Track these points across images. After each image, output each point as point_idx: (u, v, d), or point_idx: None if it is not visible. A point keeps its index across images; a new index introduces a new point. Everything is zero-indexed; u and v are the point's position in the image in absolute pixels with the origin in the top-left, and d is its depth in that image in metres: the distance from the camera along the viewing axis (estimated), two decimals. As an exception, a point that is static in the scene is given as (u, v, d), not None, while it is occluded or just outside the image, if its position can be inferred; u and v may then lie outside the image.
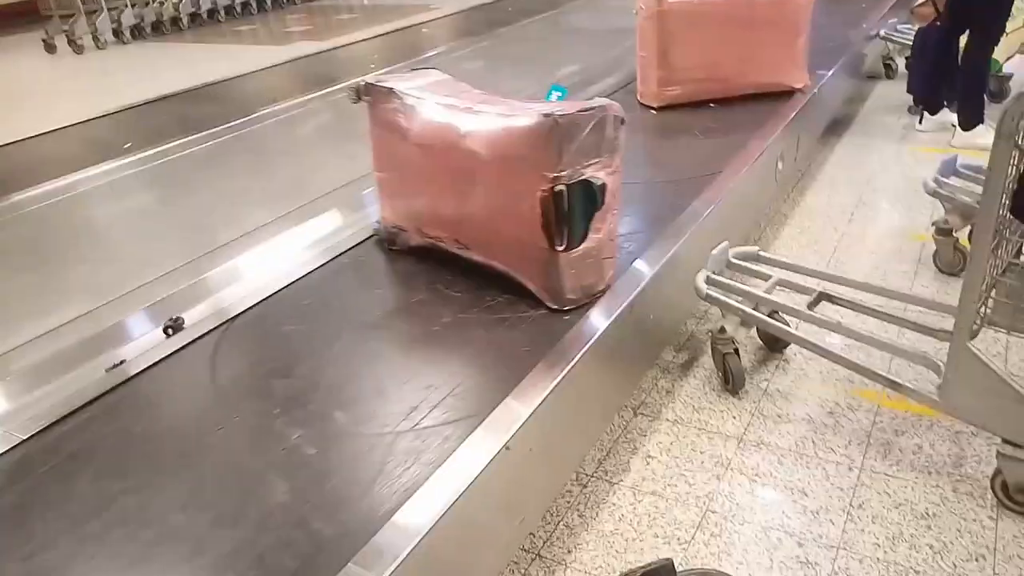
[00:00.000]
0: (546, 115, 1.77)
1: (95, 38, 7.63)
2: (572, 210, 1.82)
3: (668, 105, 3.49)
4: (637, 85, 3.63)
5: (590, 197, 1.84)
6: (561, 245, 1.85)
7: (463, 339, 1.89)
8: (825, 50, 4.12)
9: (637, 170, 2.74)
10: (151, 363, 1.86)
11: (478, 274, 2.09)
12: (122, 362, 1.88)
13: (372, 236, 2.42)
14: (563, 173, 1.79)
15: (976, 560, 1.72)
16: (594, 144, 1.81)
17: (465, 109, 1.97)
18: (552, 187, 1.79)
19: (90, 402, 1.73)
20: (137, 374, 1.83)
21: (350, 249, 2.38)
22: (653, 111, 3.50)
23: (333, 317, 2.04)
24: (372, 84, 2.18)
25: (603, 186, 1.85)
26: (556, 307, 1.94)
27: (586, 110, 1.78)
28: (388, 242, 2.35)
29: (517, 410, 1.61)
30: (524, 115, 1.83)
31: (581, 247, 1.89)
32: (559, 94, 2.14)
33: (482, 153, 1.90)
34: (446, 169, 2.04)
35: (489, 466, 1.48)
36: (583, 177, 1.81)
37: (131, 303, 2.20)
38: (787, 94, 3.53)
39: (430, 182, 2.11)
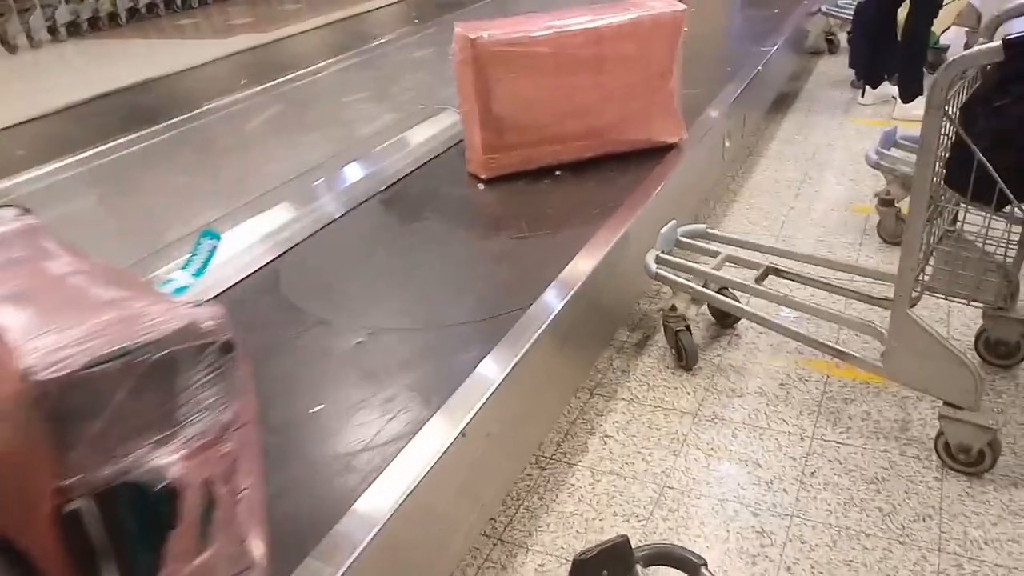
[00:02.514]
0: (26, 371, 0.88)
1: (29, 37, 7.40)
2: (119, 537, 0.96)
3: (499, 176, 2.67)
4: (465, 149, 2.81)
5: (150, 511, 0.97)
6: None
7: None
8: (717, 77, 3.59)
9: (402, 301, 2.06)
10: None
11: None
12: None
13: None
14: (82, 478, 0.92)
15: (923, 520, 1.77)
16: (159, 407, 0.95)
17: None
18: (62, 503, 0.92)
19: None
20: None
21: None
22: (480, 184, 2.69)
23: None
24: None
25: (171, 490, 0.97)
26: None
27: (119, 355, 0.90)
28: None
29: (472, 395, 1.62)
30: (11, 364, 0.91)
31: None
32: (213, 243, 1.53)
33: None
34: None
35: (445, 454, 1.49)
36: (132, 477, 0.94)
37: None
38: (658, 152, 2.77)
39: None
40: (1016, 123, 1.63)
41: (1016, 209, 1.75)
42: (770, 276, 2.32)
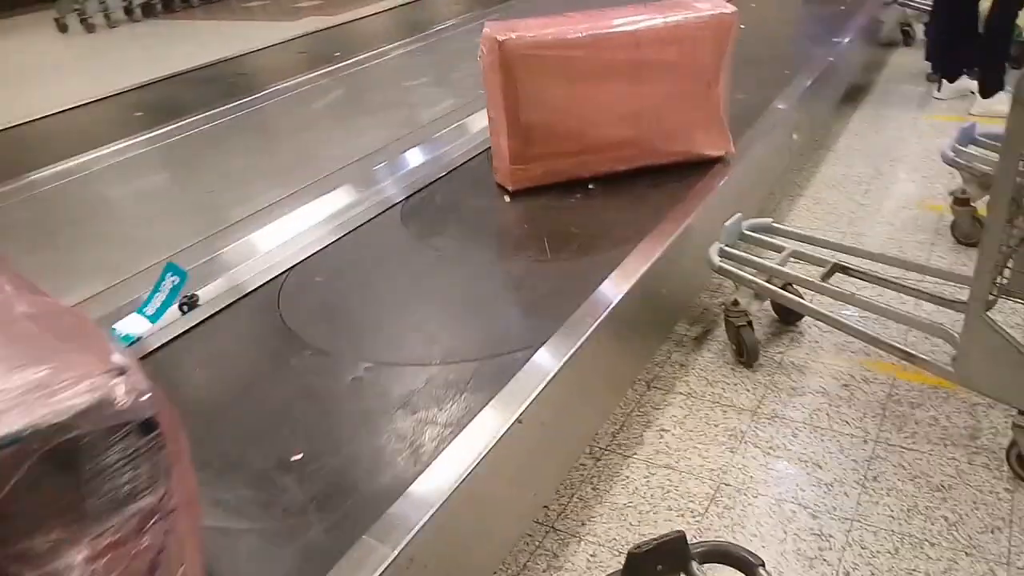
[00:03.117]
0: None
1: (106, 16, 7.62)
2: None
3: (528, 188, 2.49)
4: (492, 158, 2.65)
5: None
6: None
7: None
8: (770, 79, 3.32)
9: (406, 332, 1.88)
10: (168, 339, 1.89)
11: None
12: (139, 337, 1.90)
13: None
14: None
15: (992, 532, 1.71)
16: (61, 500, 0.82)
17: None
18: None
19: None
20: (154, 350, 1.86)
21: None
22: (506, 196, 2.51)
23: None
24: None
25: None
26: None
27: (10, 442, 0.77)
28: None
29: (529, 383, 1.62)
30: None
31: None
32: (176, 279, 1.47)
33: None
34: None
35: (501, 440, 1.49)
36: None
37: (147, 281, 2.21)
38: (702, 166, 2.55)
39: None
40: (1111, 122, 1.55)
41: (1107, 212, 1.67)
42: (837, 273, 2.26)
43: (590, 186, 2.50)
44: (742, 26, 2.51)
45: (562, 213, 2.39)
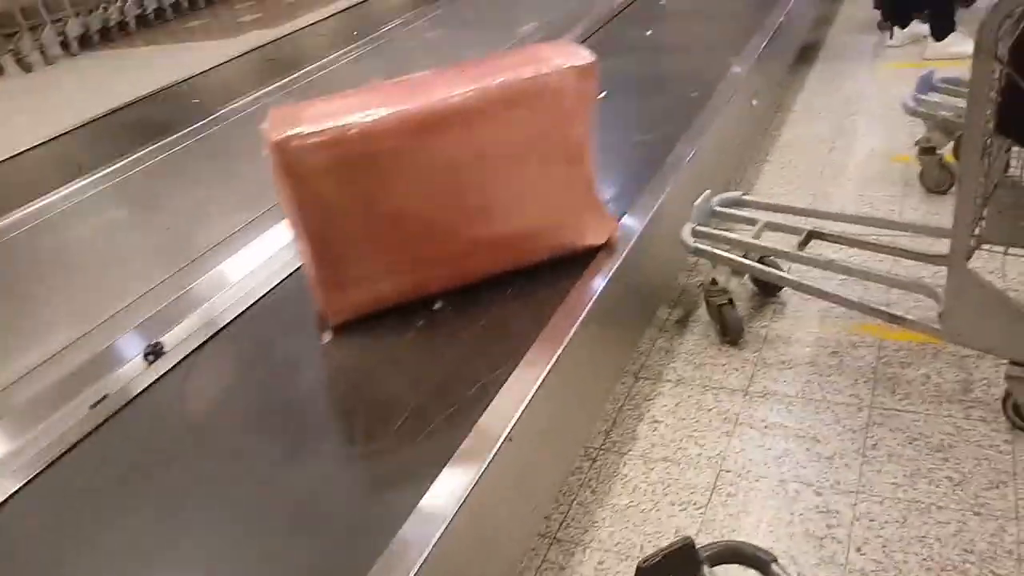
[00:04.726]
0: None
1: (42, 53, 7.43)
2: None
3: (354, 318, 1.86)
4: None
5: None
6: None
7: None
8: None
9: None
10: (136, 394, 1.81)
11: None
12: (105, 397, 1.82)
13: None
14: None
15: (997, 487, 1.69)
16: None
17: None
18: None
19: (78, 442, 1.68)
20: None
21: None
22: (327, 333, 1.87)
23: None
24: None
25: None
26: None
27: None
28: None
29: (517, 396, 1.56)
30: None
31: None
32: None
33: None
34: None
35: (494, 460, 1.44)
36: None
37: (108, 331, 2.13)
38: (579, 262, 1.94)
39: None
40: (1074, 61, 1.52)
41: (1077, 152, 1.65)
42: (812, 240, 2.22)
43: (436, 306, 1.88)
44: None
45: (393, 358, 1.76)
